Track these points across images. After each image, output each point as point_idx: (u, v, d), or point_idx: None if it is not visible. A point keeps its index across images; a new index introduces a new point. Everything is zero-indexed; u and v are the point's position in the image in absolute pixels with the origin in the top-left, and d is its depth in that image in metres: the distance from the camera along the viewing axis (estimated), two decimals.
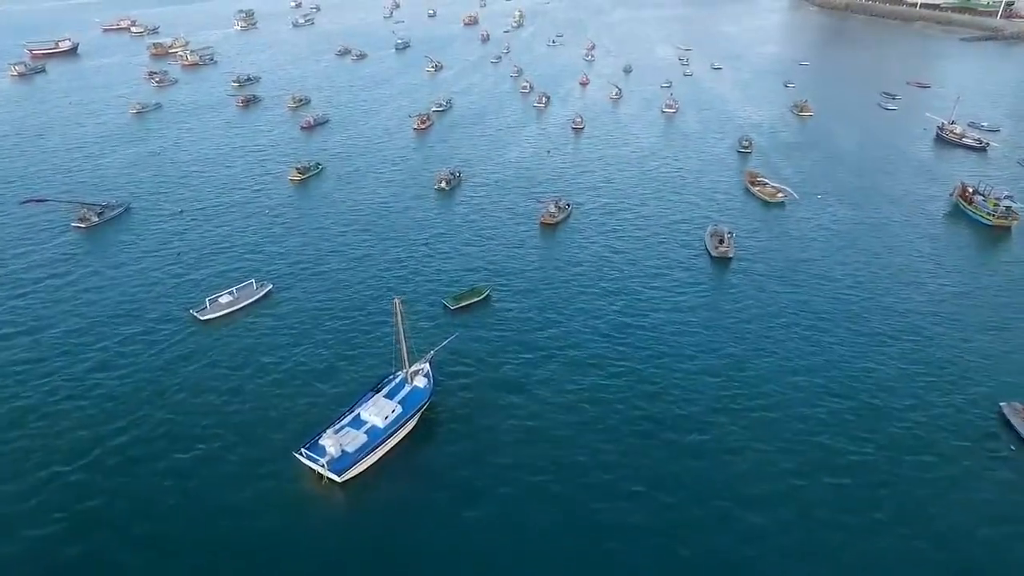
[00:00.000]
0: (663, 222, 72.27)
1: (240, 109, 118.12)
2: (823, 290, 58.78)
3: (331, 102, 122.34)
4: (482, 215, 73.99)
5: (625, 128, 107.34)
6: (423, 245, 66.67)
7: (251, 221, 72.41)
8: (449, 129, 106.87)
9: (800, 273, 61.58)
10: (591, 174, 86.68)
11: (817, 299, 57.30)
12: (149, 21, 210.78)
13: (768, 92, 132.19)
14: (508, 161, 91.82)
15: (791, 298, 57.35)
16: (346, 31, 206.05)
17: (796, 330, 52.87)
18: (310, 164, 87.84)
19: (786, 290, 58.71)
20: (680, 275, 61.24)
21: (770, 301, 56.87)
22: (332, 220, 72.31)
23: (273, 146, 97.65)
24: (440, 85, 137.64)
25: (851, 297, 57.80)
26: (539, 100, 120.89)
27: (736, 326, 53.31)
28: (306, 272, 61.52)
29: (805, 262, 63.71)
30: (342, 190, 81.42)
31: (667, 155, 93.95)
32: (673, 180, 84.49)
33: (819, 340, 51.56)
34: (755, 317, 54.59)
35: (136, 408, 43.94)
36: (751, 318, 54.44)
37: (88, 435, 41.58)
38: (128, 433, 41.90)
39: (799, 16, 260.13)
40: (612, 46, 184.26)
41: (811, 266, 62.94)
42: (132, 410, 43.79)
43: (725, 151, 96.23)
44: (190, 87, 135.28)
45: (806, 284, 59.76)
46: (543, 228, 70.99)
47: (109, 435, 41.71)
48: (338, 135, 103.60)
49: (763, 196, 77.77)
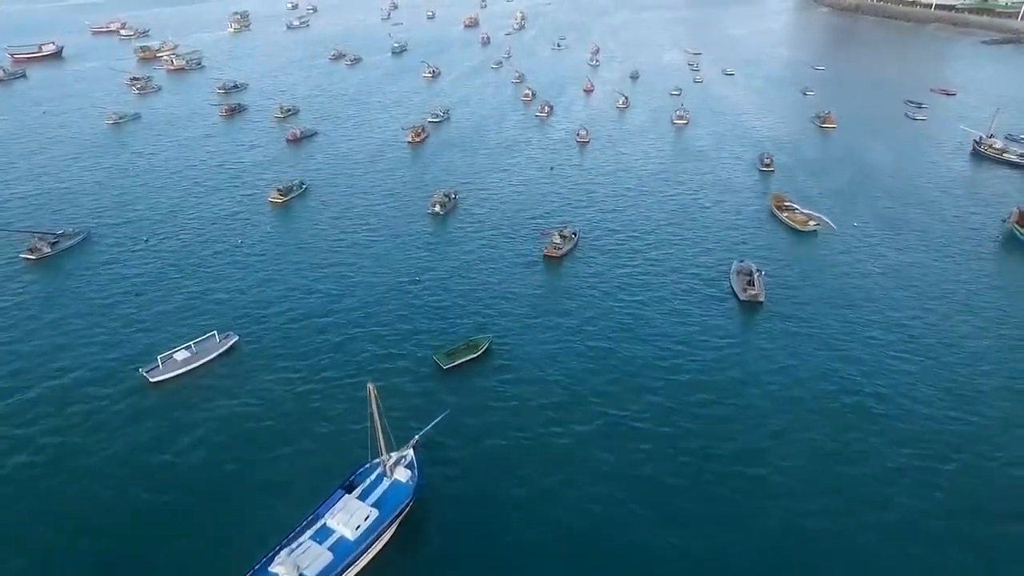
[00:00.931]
0: (681, 255, 63.99)
1: (224, 119, 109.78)
2: (873, 348, 50.11)
3: (321, 112, 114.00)
4: (479, 245, 65.79)
5: (633, 142, 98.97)
6: (413, 283, 58.49)
7: (222, 253, 64.16)
8: (445, 142, 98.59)
9: (845, 322, 53.07)
10: (598, 195, 78.33)
11: (866, 358, 48.83)
12: (140, 23, 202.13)
13: (785, 101, 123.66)
14: (508, 180, 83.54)
15: (836, 357, 48.85)
16: (342, 33, 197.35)
17: (844, 402, 44.65)
18: (293, 184, 79.60)
19: (829, 347, 50.23)
20: (704, 321, 52.99)
21: (812, 360, 48.37)
22: (312, 253, 63.97)
23: (255, 163, 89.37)
24: (437, 92, 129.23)
25: (910, 359, 48.99)
26: (541, 109, 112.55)
27: (775, 395, 45.00)
28: (279, 319, 53.28)
29: (849, 307, 55.17)
30: (326, 214, 73.16)
31: (681, 174, 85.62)
32: (689, 204, 76.18)
33: (878, 419, 43.14)
34: (796, 380, 46.38)
35: (42, 511, 35.96)
36: (791, 382, 46.18)
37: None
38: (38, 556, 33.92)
39: (808, 17, 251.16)
40: (617, 50, 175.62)
41: (856, 313, 54.37)
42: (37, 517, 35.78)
43: (744, 169, 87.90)
44: (173, 94, 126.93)
45: (852, 338, 51.11)
46: (547, 261, 62.79)
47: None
48: (326, 149, 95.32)
49: (792, 224, 69.43)
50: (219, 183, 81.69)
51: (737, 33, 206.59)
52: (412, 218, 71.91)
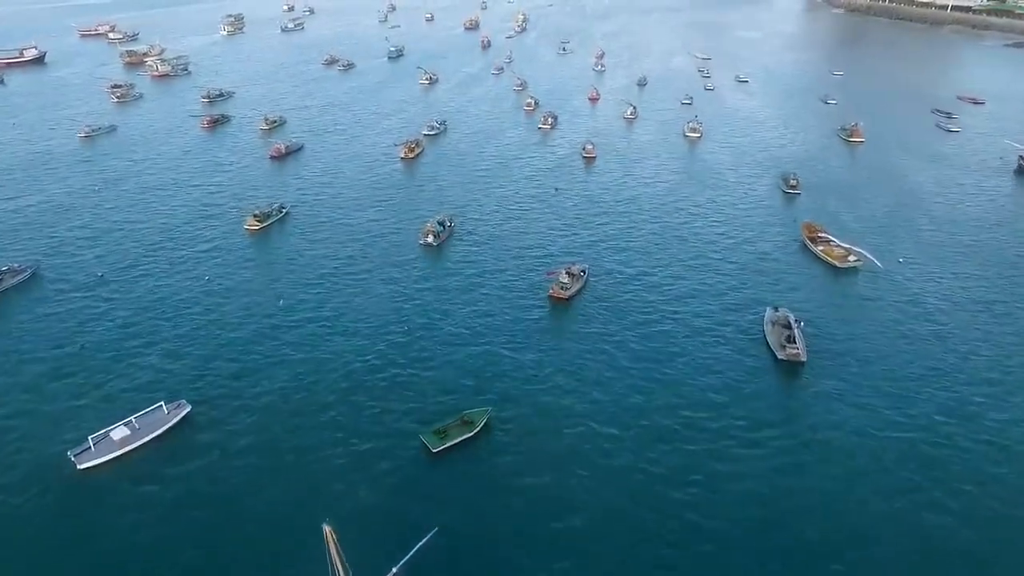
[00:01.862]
0: (704, 300, 55.61)
1: (205, 132, 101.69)
2: (942, 437, 41.41)
3: (309, 123, 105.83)
4: (475, 283, 57.59)
5: (644, 158, 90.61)
6: (400, 339, 50.14)
7: (185, 294, 56.06)
8: (441, 159, 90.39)
9: (907, 393, 44.39)
10: (607, 223, 69.87)
11: (937, 455, 40.06)
12: (129, 26, 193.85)
13: (806, 111, 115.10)
14: (508, 203, 75.26)
15: (902, 441, 40.43)
16: (337, 36, 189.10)
17: (924, 520, 36.54)
18: (272, 208, 71.45)
19: (893, 426, 41.72)
20: (736, 386, 44.79)
21: (874, 445, 39.90)
22: (285, 298, 55.67)
23: (234, 182, 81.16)
24: (434, 101, 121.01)
25: (994, 456, 40.58)
26: (544, 121, 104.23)
27: (836, 498, 36.70)
28: (242, 384, 45.04)
29: (907, 373, 46.49)
30: (306, 244, 65.01)
31: (698, 196, 77.24)
32: (710, 234, 67.74)
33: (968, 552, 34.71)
34: (856, 473, 38.25)
35: None
36: (849, 473, 38.05)
37: None
38: None
39: (817, 18, 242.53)
40: (622, 54, 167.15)
41: (922, 383, 45.42)
42: None
43: (767, 190, 79.58)
44: (155, 103, 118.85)
45: (916, 422, 42.30)
46: (553, 304, 54.73)
47: None
48: (312, 166, 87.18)
49: (829, 259, 61.14)
50: (192, 207, 73.57)
51: (747, 36, 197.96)
52: (402, 250, 63.71)
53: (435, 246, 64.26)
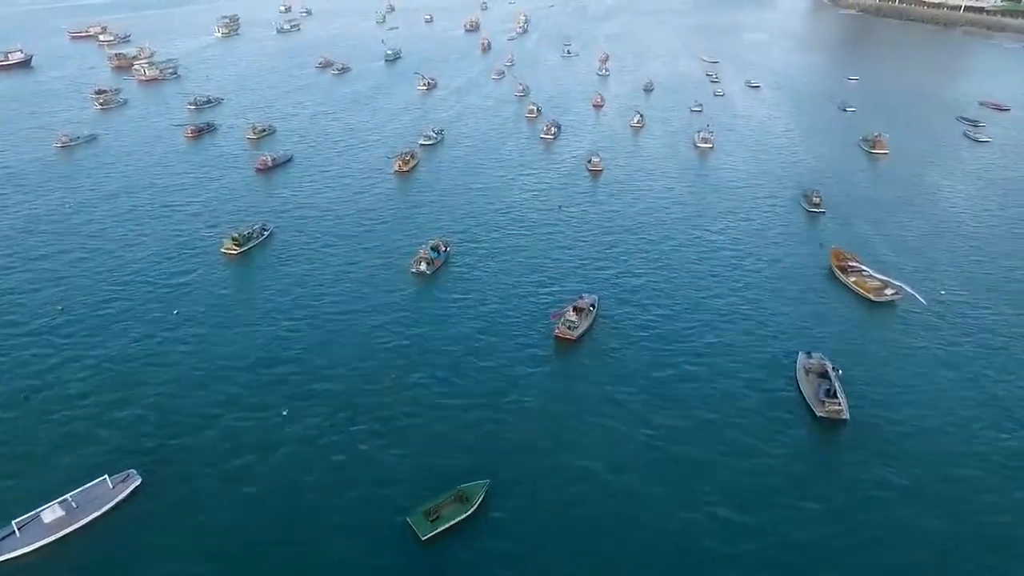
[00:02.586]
0: (726, 339, 49.27)
1: (189, 141, 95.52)
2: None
3: (299, 132, 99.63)
4: (472, 324, 51.45)
5: (653, 171, 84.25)
6: (386, 397, 43.63)
7: (148, 330, 49.98)
8: (437, 172, 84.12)
9: (970, 460, 38.34)
10: (616, 246, 63.55)
11: None
12: (121, 28, 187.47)
13: (823, 119, 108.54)
14: (509, 223, 68.98)
15: (961, 522, 34.59)
16: (333, 38, 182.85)
17: None
18: (253, 230, 65.28)
19: (947, 508, 35.72)
20: (769, 451, 38.75)
21: (932, 528, 33.93)
22: (261, 340, 49.16)
23: (215, 200, 74.81)
24: (432, 108, 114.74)
25: None
26: (547, 130, 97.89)
27: None
28: (201, 450, 38.76)
29: (963, 434, 40.33)
30: (287, 273, 58.70)
31: (713, 215, 70.96)
32: (728, 259, 61.50)
33: None
34: (914, 563, 32.21)
35: None
36: (908, 563, 32.05)
37: None
38: None
39: (825, 20, 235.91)
40: (627, 58, 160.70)
41: (980, 442, 39.47)
42: None
43: (788, 209, 73.21)
44: (140, 110, 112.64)
45: (976, 499, 36.34)
46: (559, 346, 48.56)
47: None
48: (299, 180, 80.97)
49: (862, 292, 54.83)
50: (167, 229, 67.35)
51: (754, 38, 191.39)
52: (392, 279, 57.49)
53: (428, 274, 58.09)
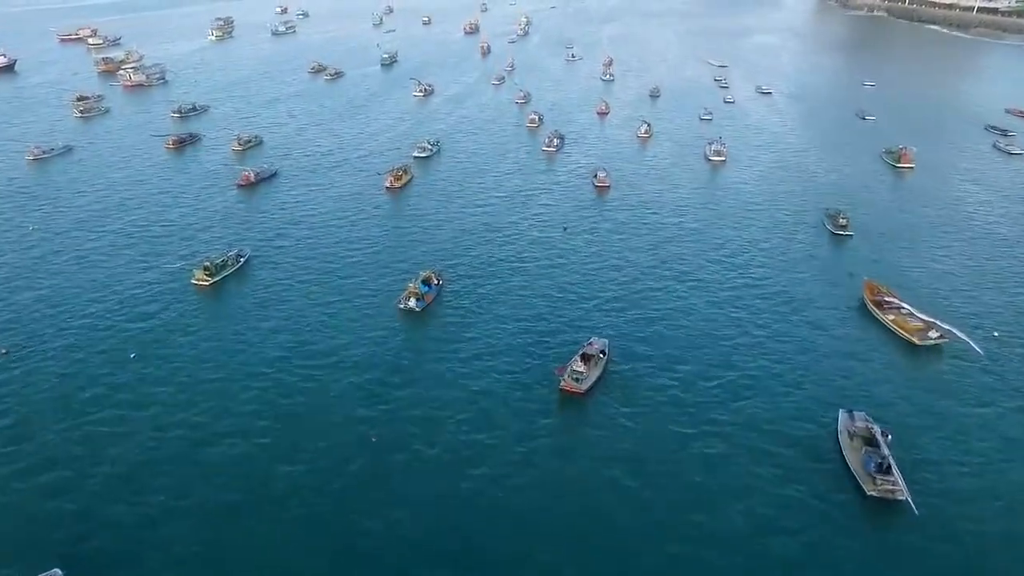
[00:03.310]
0: (753, 389, 42.97)
1: (170, 153, 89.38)
2: None
3: (287, 144, 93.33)
4: (466, 374, 45.09)
5: (663, 189, 77.54)
6: (365, 475, 37.30)
7: (105, 377, 43.75)
8: (432, 188, 77.71)
9: None
10: (626, 278, 56.96)
11: None
12: (111, 31, 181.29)
13: (841, 129, 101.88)
14: (508, 248, 62.48)
15: None
16: (329, 41, 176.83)
17: None
18: (227, 257, 58.89)
19: None
20: (816, 547, 32.49)
21: None
22: (222, 399, 42.33)
23: (192, 221, 68.32)
24: (428, 116, 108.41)
25: None
26: (550, 142, 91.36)
27: None
28: (139, 542, 32.58)
29: None
30: (260, 310, 52.02)
31: (731, 239, 64.46)
32: (750, 293, 54.71)
33: None
34: None
35: None
36: None
37: None
38: None
39: (833, 22, 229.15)
40: (632, 61, 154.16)
41: None
42: None
43: (811, 231, 66.63)
44: (122, 118, 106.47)
45: None
46: (563, 400, 42.40)
47: None
48: (283, 198, 74.67)
49: (903, 334, 48.40)
50: (135, 255, 60.95)
51: (762, 41, 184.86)
52: (378, 319, 51.06)
53: (418, 311, 51.87)
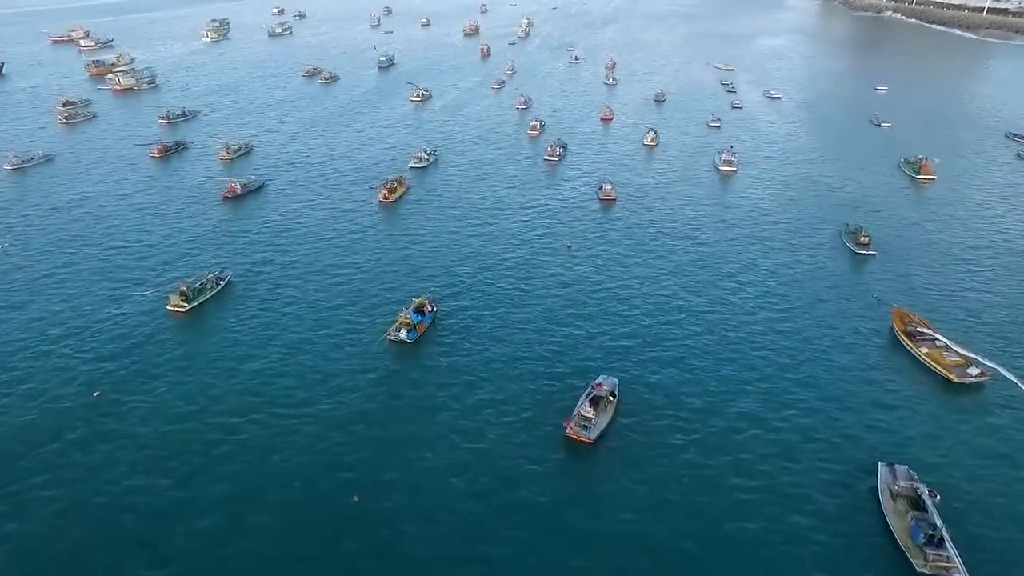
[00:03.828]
0: (780, 436, 38.68)
1: (155, 162, 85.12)
2: None
3: (277, 152, 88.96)
4: (461, 417, 40.61)
5: (673, 203, 72.77)
6: (347, 557, 33.30)
7: (42, 436, 39.34)
8: (428, 202, 73.07)
9: None
10: (636, 306, 52.50)
11: None
12: (104, 32, 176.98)
13: (856, 137, 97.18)
14: (508, 269, 58.03)
15: None
16: (325, 43, 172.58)
17: None
18: (206, 280, 54.39)
19: None
20: None
21: None
22: (189, 452, 37.70)
23: (171, 238, 63.74)
24: (425, 123, 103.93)
25: None
26: (552, 151, 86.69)
27: None
28: None
29: None
30: (237, 345, 47.35)
31: (746, 259, 59.77)
32: (767, 320, 50.18)
33: None
34: None
35: None
36: None
37: None
38: None
39: (839, 23, 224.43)
40: (635, 65, 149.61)
41: None
42: None
43: (830, 250, 61.96)
44: (108, 125, 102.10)
45: None
46: (569, 449, 38.00)
47: None
48: (270, 212, 70.22)
49: (939, 370, 43.92)
50: (109, 277, 56.51)
51: (767, 44, 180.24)
52: (365, 354, 46.37)
53: (410, 343, 47.47)
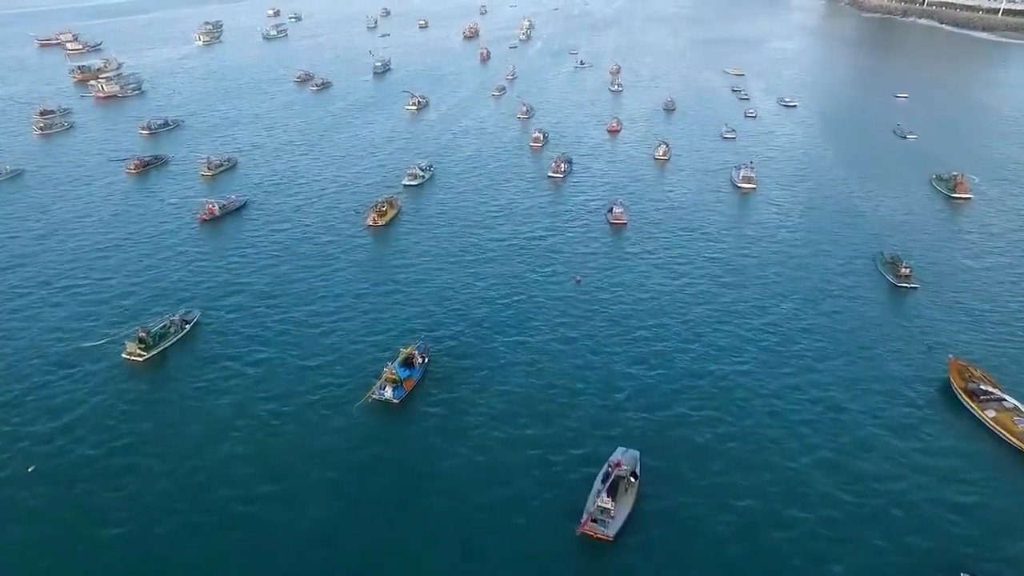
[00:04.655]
0: (841, 548, 32.30)
1: (131, 179, 78.59)
2: None
3: (262, 168, 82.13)
4: (453, 505, 34.27)
5: (690, 226, 65.60)
6: None
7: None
8: (421, 227, 65.92)
9: None
10: (656, 353, 45.77)
11: None
12: (93, 36, 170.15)
13: (879, 149, 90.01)
14: (509, 309, 51.27)
15: None
16: (320, 46, 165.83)
17: None
18: (169, 323, 47.22)
19: None
20: None
21: None
22: (129, 551, 31.75)
23: (138, 272, 56.82)
24: (421, 134, 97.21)
25: None
26: (556, 167, 79.62)
27: None
28: None
29: None
30: (199, 402, 41.17)
31: (775, 293, 53.10)
32: (808, 374, 43.52)
33: None
34: None
35: None
36: None
37: None
38: None
39: (848, 24, 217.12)
40: (641, 69, 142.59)
41: None
42: None
43: (867, 281, 55.00)
44: (86, 136, 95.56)
45: None
46: (583, 548, 31.47)
47: None
48: (249, 238, 63.39)
49: (1013, 440, 37.11)
50: (62, 320, 50.22)
51: (776, 47, 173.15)
52: (343, 419, 39.87)
53: (396, 403, 40.89)
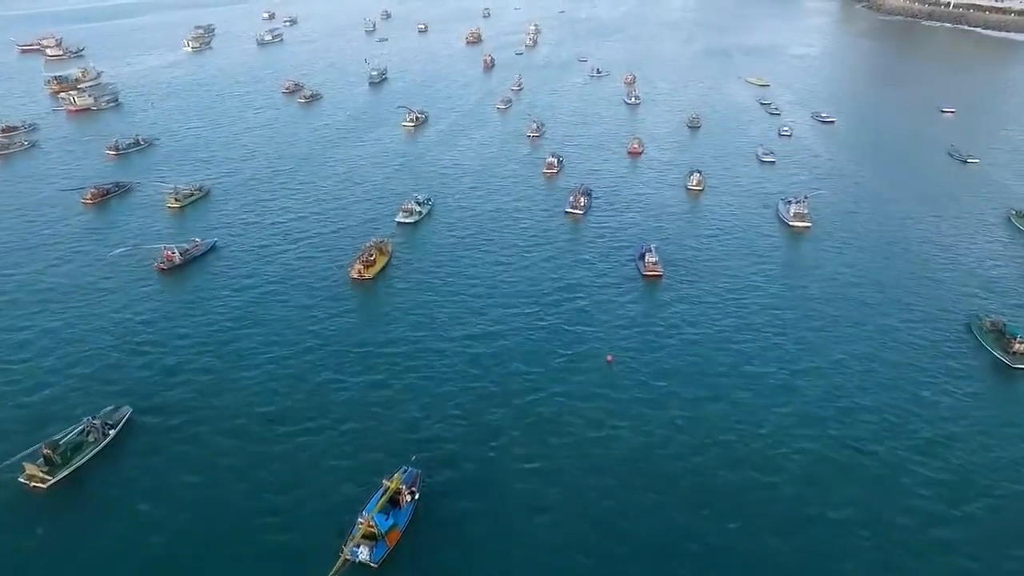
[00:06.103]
0: None
1: (88, 211, 67.50)
2: None
3: (236, 199, 70.72)
4: None
5: (737, 274, 54.32)
6: None
7: None
8: (417, 280, 54.10)
9: None
10: (713, 456, 35.15)
11: None
12: (77, 40, 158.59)
13: (938, 177, 78.09)
14: (523, 418, 39.78)
15: None
16: (315, 52, 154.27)
17: None
18: (89, 428, 35.72)
19: None
20: None
21: None
22: None
23: (70, 354, 45.32)
24: (419, 157, 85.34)
25: None
26: (576, 202, 67.47)
27: None
28: None
29: None
30: (122, 538, 30.78)
31: (851, 373, 42.09)
32: (893, 477, 33.19)
33: None
34: None
35: None
36: None
37: None
38: None
39: (869, 28, 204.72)
40: (657, 79, 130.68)
41: None
42: None
43: (966, 356, 43.46)
44: (47, 157, 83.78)
45: None
46: None
47: None
48: (209, 294, 51.82)
49: None
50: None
51: (797, 54, 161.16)
52: (319, 561, 29.46)
53: (374, 567, 29.70)
